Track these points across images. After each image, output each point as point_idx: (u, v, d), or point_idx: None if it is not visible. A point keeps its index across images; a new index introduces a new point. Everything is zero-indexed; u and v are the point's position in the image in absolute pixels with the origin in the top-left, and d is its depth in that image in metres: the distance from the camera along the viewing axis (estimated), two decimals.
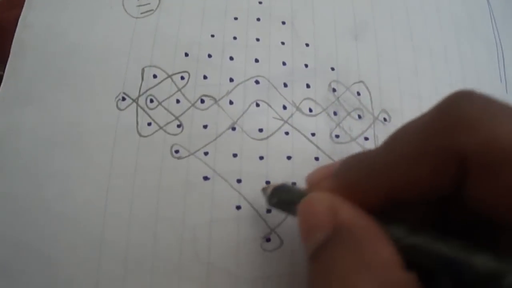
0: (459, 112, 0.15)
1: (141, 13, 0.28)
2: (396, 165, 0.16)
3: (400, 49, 0.29)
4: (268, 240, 0.24)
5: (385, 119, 0.27)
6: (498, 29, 0.32)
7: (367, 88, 0.28)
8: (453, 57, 0.30)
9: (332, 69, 0.28)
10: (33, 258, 0.22)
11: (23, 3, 0.30)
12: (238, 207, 0.24)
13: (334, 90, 0.27)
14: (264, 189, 0.22)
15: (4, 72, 0.27)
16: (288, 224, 0.24)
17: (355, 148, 0.26)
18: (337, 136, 0.26)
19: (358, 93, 0.27)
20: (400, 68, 0.29)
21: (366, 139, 0.26)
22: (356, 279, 0.15)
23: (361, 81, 0.28)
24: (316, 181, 0.19)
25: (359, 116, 0.27)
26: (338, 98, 0.27)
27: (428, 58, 0.30)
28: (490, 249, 0.14)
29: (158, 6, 0.28)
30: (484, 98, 0.15)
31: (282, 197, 0.21)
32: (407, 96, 0.28)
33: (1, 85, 0.26)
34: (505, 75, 0.31)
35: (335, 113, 0.27)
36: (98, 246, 0.23)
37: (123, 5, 0.28)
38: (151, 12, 0.28)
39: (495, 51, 0.32)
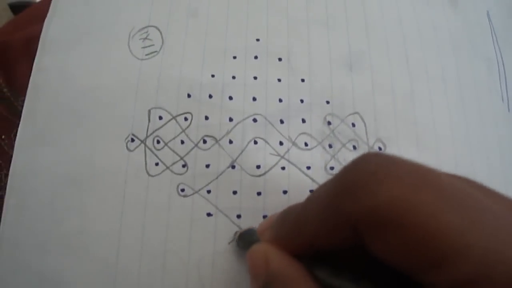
0: (351, 178, 0.17)
1: (146, 55, 0.30)
2: (308, 222, 0.19)
3: (396, 74, 0.30)
4: None
5: (380, 148, 0.28)
6: (500, 46, 0.32)
7: (362, 118, 0.29)
8: (451, 77, 0.31)
9: (327, 102, 0.29)
10: (55, 286, 0.25)
11: (28, 25, 0.32)
12: None
13: (329, 123, 0.29)
14: (235, 234, 0.26)
15: (11, 91, 0.29)
16: None
17: None
18: (331, 168, 0.28)
19: (353, 124, 0.29)
20: (395, 95, 0.30)
21: None
22: None
23: (356, 112, 0.29)
24: (262, 231, 0.22)
25: (354, 147, 0.28)
26: (333, 130, 0.28)
27: (425, 80, 0.30)
28: None
29: (161, 47, 0.30)
30: (378, 163, 0.17)
31: (245, 242, 0.24)
32: (403, 123, 0.29)
33: (20, 125, 0.28)
34: (507, 93, 0.31)
35: (330, 146, 0.28)
36: (113, 275, 0.26)
37: (129, 47, 0.30)
38: (155, 53, 0.30)
39: (496, 69, 0.32)
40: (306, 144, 0.28)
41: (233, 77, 0.29)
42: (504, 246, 0.15)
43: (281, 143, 0.28)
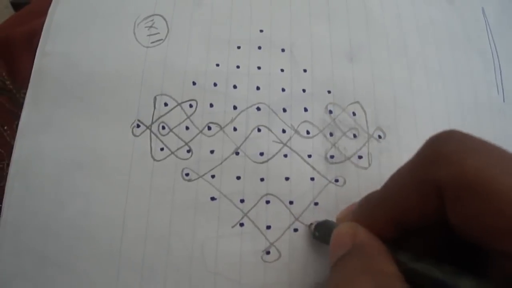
0: (436, 149, 0.18)
1: (151, 42, 0.30)
2: (392, 198, 0.20)
3: (395, 66, 0.31)
4: (268, 253, 0.27)
5: (379, 136, 0.29)
6: (494, 39, 0.33)
7: (362, 108, 0.30)
8: (448, 70, 0.32)
9: (329, 92, 0.30)
10: (58, 270, 0.26)
11: (33, 19, 0.32)
12: (241, 224, 0.27)
13: (330, 112, 0.29)
14: (310, 225, 0.27)
15: (14, 83, 0.30)
16: (285, 239, 0.27)
17: (349, 167, 0.28)
18: (331, 157, 0.29)
19: (354, 113, 0.29)
20: (395, 85, 0.31)
21: (360, 157, 0.29)
22: (360, 281, 0.18)
23: (356, 102, 0.30)
24: (343, 217, 0.24)
25: (354, 135, 0.29)
26: (334, 119, 0.29)
27: (423, 73, 0.31)
28: (478, 273, 0.17)
29: (167, 35, 0.30)
30: (461, 137, 0.18)
31: (322, 232, 0.25)
32: (402, 113, 0.30)
33: (23, 112, 0.29)
34: (502, 85, 0.32)
35: (331, 134, 0.29)
36: (117, 258, 0.26)
37: (135, 35, 0.30)
38: (161, 41, 0.30)
39: (491, 61, 0.33)
40: (308, 132, 0.29)
41: (238, 67, 0.30)
42: None
43: (283, 131, 0.29)
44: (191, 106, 0.29)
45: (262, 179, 0.28)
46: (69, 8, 0.32)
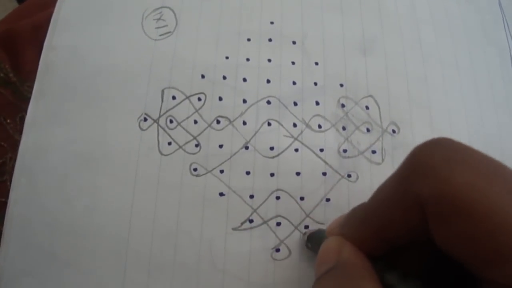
0: (420, 159, 0.17)
1: (160, 35, 0.30)
2: (376, 212, 0.19)
3: (409, 59, 0.30)
4: (277, 250, 0.26)
5: (393, 131, 0.28)
6: (511, 33, 0.32)
7: (375, 101, 0.29)
8: (464, 64, 0.31)
9: (341, 85, 0.29)
10: (64, 267, 0.25)
11: (36, 12, 0.32)
12: (251, 221, 0.26)
13: (343, 105, 0.28)
14: (304, 234, 0.26)
15: (17, 76, 0.30)
16: (295, 236, 0.26)
17: (362, 162, 0.28)
18: (344, 151, 0.28)
19: (367, 107, 0.29)
20: (409, 79, 0.30)
21: (374, 152, 0.28)
22: None
23: (370, 95, 0.29)
24: (332, 229, 0.22)
25: (368, 130, 0.28)
26: (347, 113, 0.28)
27: (439, 66, 0.30)
28: None
29: (175, 28, 0.30)
30: (451, 146, 0.17)
31: (313, 243, 0.24)
32: (417, 107, 0.29)
33: (30, 105, 0.28)
34: None
35: (344, 128, 0.28)
36: (124, 254, 0.25)
37: (143, 27, 0.30)
38: (169, 34, 0.30)
39: (508, 55, 0.32)
40: (319, 126, 0.28)
41: (247, 59, 0.29)
42: None
43: (294, 125, 0.28)
44: (199, 99, 0.28)
45: (272, 174, 0.27)
46: (77, 1, 0.31)
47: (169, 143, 0.27)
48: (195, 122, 0.28)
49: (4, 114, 0.29)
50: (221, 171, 0.27)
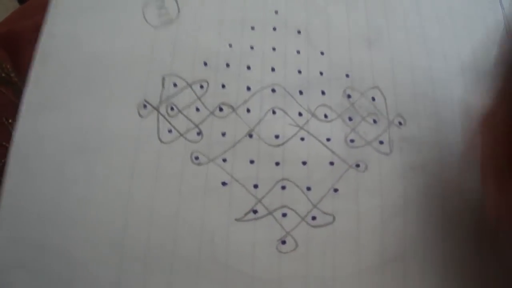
0: None
1: (161, 23, 0.29)
2: None
3: (414, 52, 0.30)
4: (283, 242, 0.24)
5: (400, 123, 0.28)
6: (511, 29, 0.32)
7: (381, 93, 0.28)
8: (467, 59, 0.30)
9: (347, 75, 0.28)
10: (58, 258, 0.24)
11: (38, 12, 0.31)
12: (255, 211, 0.25)
13: (349, 96, 0.28)
14: None
15: (19, 76, 0.29)
16: (302, 227, 0.25)
17: (370, 152, 0.27)
18: (352, 141, 0.27)
19: (373, 98, 0.28)
20: (414, 72, 0.29)
21: (381, 142, 0.27)
22: None
23: (375, 87, 0.28)
24: None
25: (374, 121, 0.27)
26: (353, 104, 0.28)
27: (442, 59, 0.30)
28: None
29: (177, 15, 0.29)
30: None
31: None
32: (422, 99, 0.28)
33: (25, 92, 0.27)
34: None
35: (350, 119, 0.27)
36: (119, 246, 0.24)
37: (144, 15, 0.29)
38: (171, 21, 0.29)
39: None
40: (326, 116, 0.27)
41: (251, 47, 0.28)
42: None
43: (300, 114, 0.27)
44: (201, 87, 0.27)
45: (277, 163, 0.26)
46: None
47: (170, 131, 0.26)
48: (197, 109, 0.27)
49: (6, 114, 0.28)
50: (224, 160, 0.26)
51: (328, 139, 0.27)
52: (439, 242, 0.26)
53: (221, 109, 0.27)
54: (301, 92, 0.27)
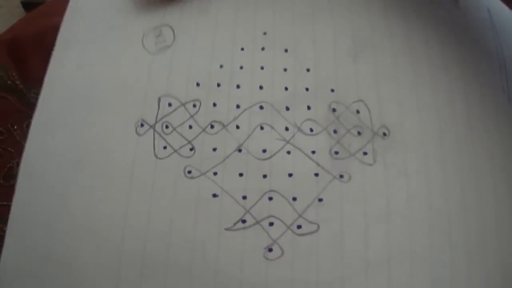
0: None
1: (158, 49, 0.31)
2: None
3: (399, 64, 0.31)
4: (270, 250, 0.26)
5: (384, 134, 0.29)
6: (500, 38, 0.33)
7: (366, 106, 0.29)
8: (453, 68, 0.31)
9: (332, 90, 0.30)
10: (59, 266, 0.26)
11: (41, 20, 0.33)
12: (243, 221, 0.27)
13: (334, 110, 0.29)
14: None
15: (24, 83, 0.31)
16: (288, 235, 0.26)
17: (354, 163, 0.28)
18: (336, 153, 0.28)
19: (358, 111, 0.29)
20: (399, 83, 0.30)
21: (365, 153, 0.28)
22: None
23: (360, 100, 0.29)
24: None
25: (359, 133, 0.29)
26: (338, 117, 0.29)
27: (428, 72, 0.31)
28: None
29: (173, 42, 0.31)
30: None
31: None
32: (407, 110, 0.30)
33: (35, 112, 0.30)
34: (507, 84, 0.32)
35: (335, 131, 0.29)
36: (118, 255, 0.26)
37: (143, 43, 0.31)
38: (167, 47, 0.31)
39: (496, 61, 0.32)
40: (311, 130, 0.29)
41: (241, 67, 0.30)
42: None
43: (286, 129, 0.29)
44: (194, 106, 0.29)
45: (264, 176, 0.27)
46: (83, 21, 0.33)
47: (165, 147, 0.28)
48: (190, 127, 0.29)
49: (12, 120, 0.30)
50: (215, 173, 0.27)
51: (313, 152, 0.28)
52: (426, 249, 0.27)
53: (212, 126, 0.29)
54: (287, 108, 0.29)
